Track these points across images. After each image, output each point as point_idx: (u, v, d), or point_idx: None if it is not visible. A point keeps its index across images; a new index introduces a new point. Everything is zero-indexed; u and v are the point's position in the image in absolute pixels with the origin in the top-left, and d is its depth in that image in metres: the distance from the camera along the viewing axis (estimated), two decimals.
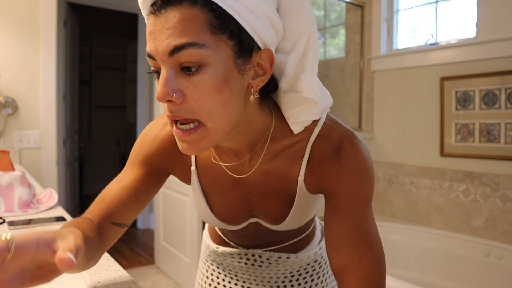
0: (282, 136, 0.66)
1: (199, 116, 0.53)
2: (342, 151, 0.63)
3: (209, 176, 0.72)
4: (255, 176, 0.69)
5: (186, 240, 2.57)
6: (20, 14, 2.36)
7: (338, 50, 3.45)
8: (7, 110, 2.33)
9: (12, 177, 1.23)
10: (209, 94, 0.52)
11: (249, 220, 0.77)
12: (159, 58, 0.52)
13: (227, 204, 0.74)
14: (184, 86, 0.52)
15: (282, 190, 0.69)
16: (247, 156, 0.67)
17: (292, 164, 0.67)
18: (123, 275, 0.75)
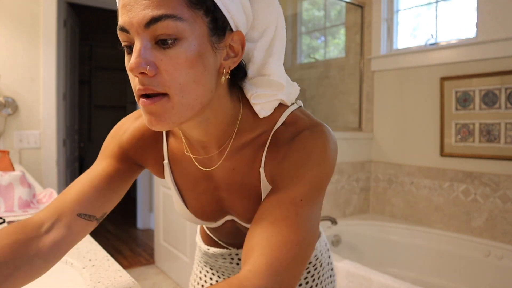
0: (249, 128, 0.64)
1: (169, 89, 0.52)
2: (298, 136, 0.60)
3: (180, 169, 0.70)
4: (223, 171, 0.67)
5: (186, 240, 2.57)
6: (20, 14, 2.36)
7: (338, 50, 3.46)
8: (7, 110, 2.33)
9: (12, 177, 1.23)
10: (183, 68, 0.51)
11: (225, 218, 0.75)
12: (134, 31, 0.51)
13: (199, 199, 0.72)
14: (158, 59, 0.51)
15: (249, 186, 0.66)
16: (215, 151, 0.65)
17: (255, 156, 0.64)
18: (123, 275, 0.75)
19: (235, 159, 0.65)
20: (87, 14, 4.83)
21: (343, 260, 2.06)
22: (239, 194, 0.68)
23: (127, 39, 0.53)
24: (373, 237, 2.78)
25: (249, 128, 0.64)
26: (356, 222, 2.85)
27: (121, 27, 0.52)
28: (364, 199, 3.08)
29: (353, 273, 1.94)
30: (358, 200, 3.05)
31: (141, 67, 0.50)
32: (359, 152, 3.04)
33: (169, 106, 0.52)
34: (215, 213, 0.74)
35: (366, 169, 3.08)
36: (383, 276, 1.83)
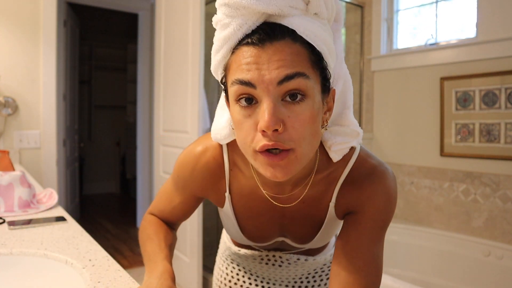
0: (323, 168, 0.70)
1: (295, 144, 0.56)
2: (376, 175, 0.69)
3: (244, 201, 0.76)
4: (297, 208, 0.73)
5: (186, 240, 2.57)
6: (20, 14, 2.36)
7: None
8: (7, 110, 2.33)
9: (12, 177, 1.24)
10: (308, 124, 0.56)
11: (277, 239, 0.83)
12: (264, 87, 0.54)
13: (259, 227, 0.79)
14: (286, 116, 0.55)
15: (313, 216, 0.74)
16: (289, 190, 0.71)
17: (326, 191, 0.71)
18: (123, 275, 0.75)
19: (307, 193, 0.71)
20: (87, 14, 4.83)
21: None
22: (301, 222, 0.76)
23: (247, 92, 0.56)
24: None
25: (324, 168, 0.70)
26: None
27: (246, 82, 0.55)
28: None
29: None
30: None
31: (276, 125, 0.54)
32: None
33: (293, 158, 0.57)
34: (270, 237, 0.81)
35: None
36: (383, 276, 1.83)
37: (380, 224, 0.67)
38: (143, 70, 4.00)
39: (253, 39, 0.56)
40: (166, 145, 2.84)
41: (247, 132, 0.58)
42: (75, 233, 1.01)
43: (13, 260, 0.86)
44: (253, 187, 0.73)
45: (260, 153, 0.57)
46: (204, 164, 0.75)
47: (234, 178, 0.75)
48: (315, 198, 0.72)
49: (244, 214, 0.78)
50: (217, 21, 0.61)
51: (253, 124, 0.57)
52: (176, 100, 2.68)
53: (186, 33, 2.51)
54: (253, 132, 0.57)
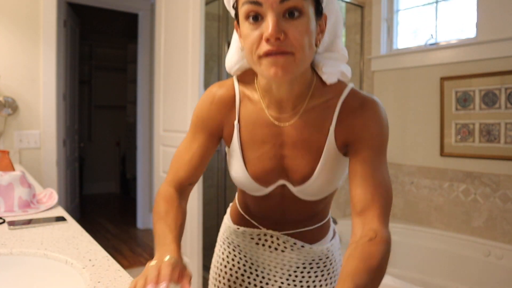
0: (319, 94, 0.80)
1: (295, 49, 0.68)
2: (367, 106, 0.78)
3: (250, 129, 0.84)
4: (294, 128, 0.81)
5: (186, 240, 2.57)
6: (20, 14, 2.36)
7: None
8: (7, 110, 2.33)
9: (12, 177, 1.24)
10: (305, 34, 0.68)
11: (278, 182, 0.86)
12: (268, 5, 0.67)
13: (261, 157, 0.84)
14: (286, 28, 0.67)
15: (314, 142, 0.80)
16: (290, 111, 0.80)
17: (325, 117, 0.79)
18: (123, 275, 0.75)
19: (307, 118, 0.80)
20: (87, 14, 4.83)
21: None
22: (301, 151, 0.81)
23: (255, 10, 0.68)
24: None
25: (319, 94, 0.80)
26: None
27: (254, 1, 0.67)
28: None
29: None
30: None
31: (278, 34, 0.66)
32: None
33: (292, 60, 0.68)
34: (271, 174, 0.85)
35: None
36: None
37: (378, 149, 0.76)
38: (143, 70, 4.00)
39: None
40: (166, 145, 2.84)
41: (253, 41, 0.69)
42: (75, 233, 1.01)
43: (13, 260, 0.86)
44: (259, 112, 0.83)
45: (264, 56, 0.68)
46: (219, 97, 0.85)
47: (243, 107, 0.85)
48: (315, 123, 0.80)
49: (249, 145, 0.85)
50: None
51: (258, 35, 0.69)
52: (176, 100, 2.68)
53: (186, 33, 2.51)
54: (258, 41, 0.69)
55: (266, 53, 0.68)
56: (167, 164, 2.83)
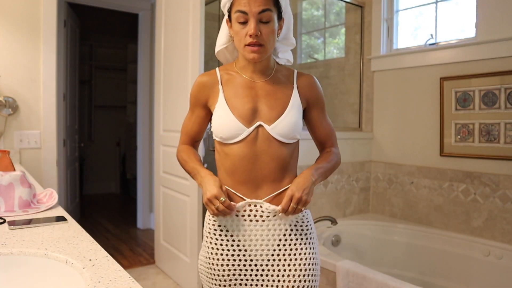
0: (279, 70, 1.23)
1: (265, 43, 1.10)
2: (315, 84, 1.24)
3: (232, 89, 1.18)
4: (265, 87, 1.18)
5: (186, 240, 2.57)
6: (20, 14, 2.36)
7: (338, 50, 3.46)
8: (8, 110, 2.33)
9: (13, 177, 1.24)
10: (271, 33, 1.10)
11: (256, 122, 1.14)
12: (251, 15, 1.07)
13: (242, 104, 1.15)
14: (261, 28, 1.09)
15: (281, 93, 1.18)
16: (260, 73, 1.19)
17: (287, 80, 1.22)
18: (123, 275, 0.75)
19: (275, 79, 1.20)
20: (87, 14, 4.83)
21: (343, 260, 2.06)
22: (272, 98, 1.17)
23: (243, 17, 1.08)
24: (373, 237, 2.78)
25: (279, 70, 1.22)
26: (356, 222, 2.85)
27: (243, 11, 1.08)
28: (364, 199, 3.08)
29: (353, 273, 1.94)
30: (358, 200, 3.05)
31: (257, 32, 1.07)
32: (359, 152, 3.04)
33: (263, 49, 1.10)
34: (250, 114, 1.14)
35: (366, 169, 3.08)
36: (383, 276, 1.84)
37: (323, 106, 1.26)
38: (143, 70, 4.00)
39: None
40: (166, 145, 2.84)
41: (242, 36, 1.10)
42: (75, 233, 1.01)
43: (14, 260, 0.86)
44: (238, 78, 1.19)
45: (248, 46, 1.10)
46: (205, 79, 1.22)
47: (224, 79, 1.20)
48: (279, 83, 1.19)
49: (232, 99, 1.16)
50: None
51: (245, 32, 1.09)
52: (176, 100, 2.68)
53: (186, 33, 2.51)
54: (244, 36, 1.10)
55: (249, 43, 1.09)
56: (167, 164, 2.84)
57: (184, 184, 2.57)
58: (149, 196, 4.10)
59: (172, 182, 2.76)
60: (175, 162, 2.70)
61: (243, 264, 1.15)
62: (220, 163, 1.20)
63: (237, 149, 1.14)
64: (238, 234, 1.15)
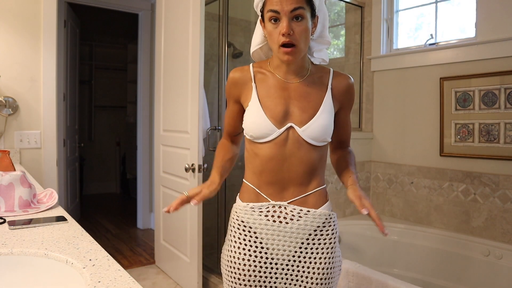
0: (314, 70, 1.20)
1: (297, 42, 1.06)
2: (351, 87, 1.23)
3: (265, 88, 1.17)
4: (299, 88, 1.16)
5: (186, 240, 2.57)
6: (20, 14, 2.36)
7: (338, 50, 3.46)
8: (8, 110, 2.33)
9: (13, 177, 1.24)
10: (304, 32, 1.07)
11: (287, 124, 1.13)
12: (284, 13, 1.04)
13: (275, 104, 1.14)
14: (294, 27, 1.05)
15: (314, 96, 1.16)
16: (294, 74, 1.17)
17: (322, 81, 1.19)
18: (123, 275, 0.75)
19: (309, 81, 1.17)
20: (87, 14, 4.83)
21: (343, 260, 2.06)
22: (305, 100, 1.15)
23: (275, 16, 1.06)
24: (373, 237, 2.78)
25: (314, 70, 1.20)
26: (356, 222, 2.85)
27: (275, 11, 1.05)
28: None
29: (353, 273, 1.94)
30: None
31: (290, 31, 1.04)
32: (359, 152, 3.04)
33: (296, 50, 1.07)
34: (282, 115, 1.14)
35: (366, 169, 3.08)
36: (383, 276, 1.84)
37: (352, 106, 1.28)
38: (143, 70, 4.00)
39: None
40: (166, 145, 2.85)
41: (275, 36, 1.08)
42: (75, 233, 1.01)
43: (14, 260, 0.86)
44: (272, 78, 1.17)
45: (281, 47, 1.07)
46: (238, 75, 1.21)
47: (258, 77, 1.19)
48: (314, 84, 1.17)
49: (264, 95, 1.16)
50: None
51: (278, 32, 1.06)
52: (176, 100, 2.68)
53: (186, 33, 2.51)
54: (277, 35, 1.07)
55: (282, 43, 1.06)
56: (167, 164, 2.84)
57: (184, 184, 2.57)
58: (149, 196, 4.10)
59: (172, 182, 2.76)
60: (175, 162, 2.71)
61: (263, 261, 1.15)
62: (248, 161, 1.20)
63: (266, 149, 1.14)
64: (261, 233, 1.15)
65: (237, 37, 3.10)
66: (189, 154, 2.47)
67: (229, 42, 2.90)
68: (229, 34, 2.88)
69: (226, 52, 2.82)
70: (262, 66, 1.20)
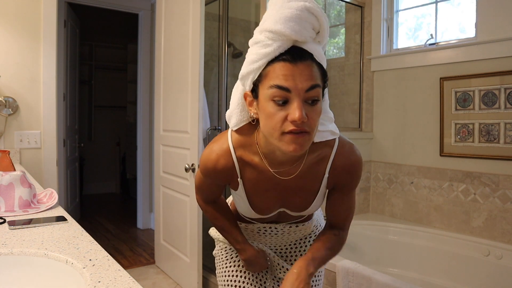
0: (313, 149, 0.96)
1: (311, 129, 0.83)
2: (353, 158, 0.99)
3: (253, 182, 1.01)
4: (294, 178, 0.97)
5: (186, 240, 2.57)
6: (20, 14, 2.36)
7: (338, 50, 3.46)
8: (8, 110, 2.33)
9: (13, 177, 1.24)
10: (318, 117, 0.84)
11: (278, 210, 1.07)
12: (297, 92, 0.80)
13: (265, 201, 1.04)
14: (308, 111, 0.81)
15: (310, 186, 1.01)
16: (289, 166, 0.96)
17: (319, 167, 0.99)
18: (123, 275, 0.75)
19: (304, 173, 0.98)
20: (87, 14, 4.83)
21: (343, 260, 2.06)
22: (299, 193, 1.02)
23: (283, 95, 0.80)
24: (373, 237, 2.79)
25: (313, 149, 0.96)
26: (356, 222, 2.85)
27: (285, 87, 0.80)
28: (364, 199, 3.09)
29: (352, 273, 1.94)
30: (358, 200, 3.05)
31: (304, 118, 0.79)
32: None
33: (308, 138, 0.83)
34: (273, 208, 1.06)
35: (366, 169, 3.08)
36: (383, 276, 1.84)
37: (355, 186, 1.04)
38: (143, 70, 4.00)
39: (288, 57, 0.81)
40: (166, 145, 2.85)
41: (277, 121, 0.82)
42: (75, 233, 1.01)
43: (14, 260, 0.86)
44: (260, 170, 0.98)
45: (287, 133, 0.81)
46: (220, 168, 1.00)
47: (243, 169, 1.00)
48: (310, 173, 0.99)
49: (253, 192, 1.02)
50: (258, 41, 0.86)
51: (284, 115, 0.81)
52: (176, 100, 2.68)
53: (186, 33, 2.51)
54: (283, 121, 0.81)
55: (291, 131, 0.81)
56: (167, 164, 2.84)
57: (184, 184, 2.57)
58: (149, 196, 4.10)
59: (172, 182, 2.76)
60: (175, 162, 2.71)
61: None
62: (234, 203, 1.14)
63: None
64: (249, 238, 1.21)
65: (237, 37, 3.10)
66: (189, 154, 2.47)
67: (229, 42, 2.90)
68: (229, 34, 2.88)
69: (226, 52, 2.82)
70: (247, 148, 0.97)
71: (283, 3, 0.85)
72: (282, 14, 0.83)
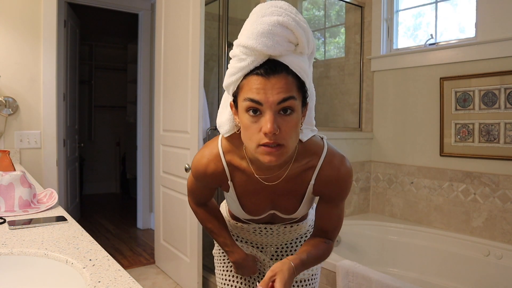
0: (301, 157, 0.98)
1: (286, 141, 0.83)
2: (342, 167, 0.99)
3: (243, 185, 1.04)
4: (281, 183, 1.00)
5: (186, 240, 2.57)
6: (20, 14, 2.36)
7: (338, 50, 3.46)
8: (8, 110, 2.33)
9: (13, 177, 1.24)
10: (293, 128, 0.84)
11: (269, 212, 1.10)
12: (268, 105, 0.81)
13: (255, 202, 1.06)
14: (280, 123, 0.82)
15: (296, 191, 1.03)
16: (277, 171, 0.98)
17: (305, 175, 1.00)
18: (123, 275, 0.75)
19: (290, 178, 1.00)
20: (87, 14, 4.83)
21: (343, 260, 2.06)
22: (286, 196, 1.04)
23: (255, 106, 0.82)
24: (373, 237, 2.79)
25: (301, 157, 0.98)
26: (356, 222, 2.85)
27: (256, 101, 0.82)
28: (364, 199, 3.09)
29: (353, 273, 1.94)
30: (358, 200, 3.05)
31: (275, 130, 0.81)
32: (359, 152, 3.04)
33: (283, 150, 0.84)
34: (263, 210, 1.09)
35: (366, 169, 3.08)
36: (383, 276, 1.84)
37: (344, 197, 1.04)
38: (143, 70, 4.00)
39: (261, 71, 0.83)
40: (166, 145, 2.85)
41: (253, 132, 0.84)
42: (75, 233, 1.01)
43: (14, 260, 0.86)
44: (248, 174, 1.01)
45: (262, 146, 0.83)
46: (211, 172, 1.03)
47: (233, 173, 1.03)
48: (296, 179, 1.00)
49: (243, 194, 1.06)
50: (235, 54, 0.88)
51: (257, 128, 0.83)
52: (176, 100, 2.68)
53: (186, 33, 2.51)
54: (257, 133, 0.83)
55: (264, 144, 0.83)
56: (167, 164, 2.84)
57: (184, 184, 2.57)
58: (149, 196, 4.10)
59: (172, 182, 2.76)
60: (175, 162, 2.71)
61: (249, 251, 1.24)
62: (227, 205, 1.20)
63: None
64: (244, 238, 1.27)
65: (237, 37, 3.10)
66: (189, 154, 2.47)
67: (229, 42, 2.90)
68: (229, 34, 2.88)
69: (226, 52, 2.82)
70: (236, 153, 1.01)
71: (257, 18, 0.86)
72: (255, 29, 0.85)
